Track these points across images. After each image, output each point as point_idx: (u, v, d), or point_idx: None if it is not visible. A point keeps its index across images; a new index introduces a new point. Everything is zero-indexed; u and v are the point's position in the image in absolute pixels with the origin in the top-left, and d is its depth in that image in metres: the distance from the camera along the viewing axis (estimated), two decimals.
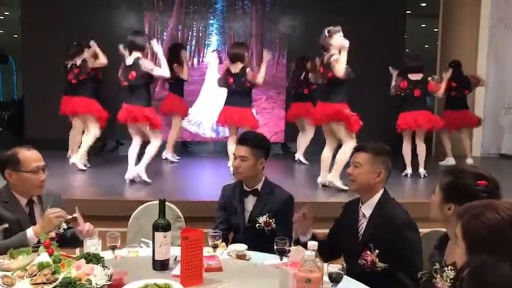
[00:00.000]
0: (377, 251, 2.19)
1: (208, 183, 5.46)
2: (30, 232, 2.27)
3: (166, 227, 2.05)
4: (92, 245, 2.12)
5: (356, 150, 2.46)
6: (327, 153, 4.90)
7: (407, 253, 2.18)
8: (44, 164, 2.47)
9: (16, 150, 2.44)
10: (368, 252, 2.21)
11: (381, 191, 2.37)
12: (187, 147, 8.19)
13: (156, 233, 2.03)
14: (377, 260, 2.18)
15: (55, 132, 6.96)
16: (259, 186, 2.74)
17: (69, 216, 2.33)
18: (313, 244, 1.88)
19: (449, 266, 1.76)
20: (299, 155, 6.63)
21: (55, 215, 2.27)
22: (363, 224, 2.36)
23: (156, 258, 2.05)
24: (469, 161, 6.59)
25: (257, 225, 2.65)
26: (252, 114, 5.66)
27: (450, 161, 6.50)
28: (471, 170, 1.85)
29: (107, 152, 7.72)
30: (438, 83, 5.82)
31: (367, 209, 2.36)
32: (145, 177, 4.96)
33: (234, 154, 2.76)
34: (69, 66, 5.87)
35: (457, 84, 6.40)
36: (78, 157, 5.68)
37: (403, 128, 5.72)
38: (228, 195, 2.82)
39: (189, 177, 5.85)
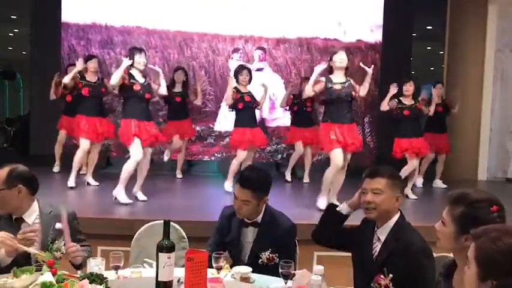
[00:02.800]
0: (391, 275, 2.13)
1: (212, 202, 5.42)
2: (1, 254, 2.20)
3: (170, 248, 2.01)
4: (95, 265, 2.09)
5: (371, 175, 2.33)
6: None
7: (422, 280, 2.12)
8: None
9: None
10: (382, 276, 2.15)
11: (397, 215, 2.32)
12: (191, 167, 8.17)
13: (160, 254, 1.99)
14: (391, 284, 2.12)
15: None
16: (259, 219, 2.63)
17: (20, 246, 2.17)
18: (319, 269, 1.84)
19: None
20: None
21: (21, 237, 2.19)
22: (377, 247, 2.31)
23: (160, 279, 2.01)
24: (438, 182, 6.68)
25: (260, 261, 2.52)
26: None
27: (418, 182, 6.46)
28: (480, 197, 1.78)
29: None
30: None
31: (382, 233, 2.31)
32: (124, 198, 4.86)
33: (235, 194, 2.61)
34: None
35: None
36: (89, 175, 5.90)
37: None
38: (226, 221, 2.71)
39: (192, 196, 5.82)
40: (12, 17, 9.59)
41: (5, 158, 7.71)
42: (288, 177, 6.74)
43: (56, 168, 6.66)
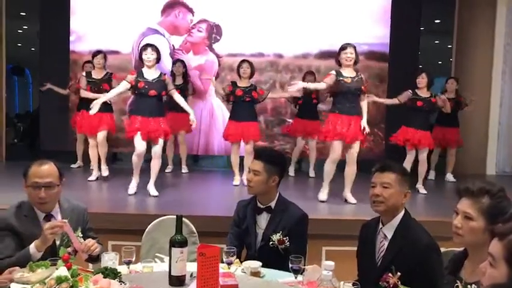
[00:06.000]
0: (399, 273, 2.14)
1: (221, 197, 5.46)
2: (32, 248, 2.24)
3: (183, 243, 2.04)
4: (109, 259, 2.12)
5: (381, 170, 2.35)
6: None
7: (431, 276, 2.12)
8: (47, 181, 2.36)
9: (31, 163, 2.43)
10: (389, 274, 2.16)
11: (403, 212, 2.33)
12: (197, 161, 8.19)
13: (172, 249, 2.03)
14: (399, 282, 2.12)
15: (69, 145, 7.04)
16: (272, 204, 2.73)
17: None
18: (329, 264, 1.86)
19: (473, 285, 1.72)
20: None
21: (50, 231, 2.22)
22: (383, 245, 2.31)
23: (173, 273, 2.04)
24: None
25: (270, 243, 2.62)
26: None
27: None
28: (496, 187, 1.78)
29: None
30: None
31: (388, 230, 2.31)
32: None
33: (249, 168, 2.78)
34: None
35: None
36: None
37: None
38: (242, 211, 2.82)
39: (201, 191, 5.86)
40: (21, 14, 9.64)
41: (16, 154, 7.84)
42: (292, 172, 6.72)
43: (75, 165, 6.76)
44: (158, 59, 5.02)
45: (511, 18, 7.57)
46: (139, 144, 4.94)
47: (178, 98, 5.21)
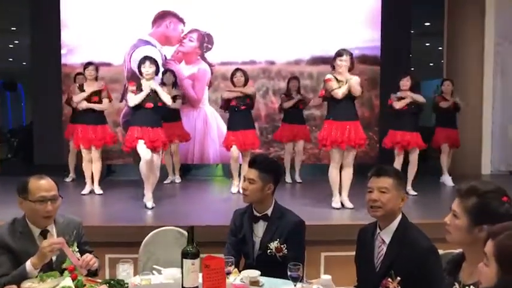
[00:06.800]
0: (398, 278, 2.13)
1: (218, 206, 5.43)
2: (29, 265, 2.20)
3: (195, 255, 2.03)
4: (123, 270, 2.12)
5: (377, 174, 2.33)
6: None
7: (431, 279, 2.11)
8: (53, 194, 2.36)
9: (28, 178, 2.40)
10: (389, 279, 2.15)
11: (400, 216, 2.32)
12: (192, 170, 8.16)
13: (184, 260, 2.02)
14: (399, 287, 2.12)
15: (63, 158, 7.01)
16: (269, 211, 2.71)
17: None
18: (326, 279, 1.86)
19: (471, 286, 1.72)
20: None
21: (49, 249, 2.19)
22: (382, 250, 2.29)
23: (185, 285, 2.03)
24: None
25: (268, 251, 2.61)
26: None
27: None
28: (490, 188, 1.78)
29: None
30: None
31: (386, 235, 2.30)
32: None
33: (244, 176, 2.77)
34: None
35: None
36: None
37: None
38: (238, 219, 2.80)
39: (196, 201, 5.84)
40: (12, 28, 9.64)
41: (10, 169, 7.78)
42: (288, 178, 6.67)
43: (68, 178, 6.65)
44: (157, 72, 5.09)
45: (500, 18, 7.63)
46: (145, 152, 4.90)
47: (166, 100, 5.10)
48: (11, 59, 11.89)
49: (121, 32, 7.42)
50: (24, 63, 10.27)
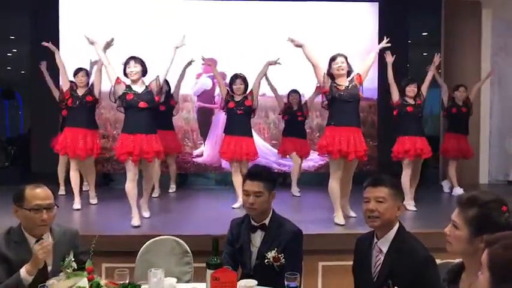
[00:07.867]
0: (396, 287, 2.11)
1: (215, 215, 5.41)
2: (23, 272, 2.21)
3: (218, 265, 2.08)
4: (154, 276, 2.15)
5: (374, 184, 2.32)
6: None
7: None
8: (48, 203, 2.36)
9: (25, 186, 2.39)
10: None
11: (397, 225, 2.32)
12: (186, 180, 8.10)
13: (208, 271, 2.09)
14: None
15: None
16: (267, 221, 2.70)
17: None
18: None
19: None
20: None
21: (42, 251, 2.21)
22: (379, 259, 2.29)
23: None
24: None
25: (266, 260, 2.59)
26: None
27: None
28: (490, 198, 1.78)
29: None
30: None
31: (384, 244, 2.29)
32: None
33: (246, 191, 2.67)
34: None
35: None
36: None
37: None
38: (236, 229, 2.79)
39: (191, 210, 5.81)
40: (11, 37, 9.64)
41: (7, 177, 7.76)
42: (296, 192, 6.48)
43: (60, 191, 6.37)
44: (144, 72, 4.72)
45: (497, 28, 7.69)
46: (132, 172, 4.63)
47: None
48: (9, 68, 11.88)
49: (120, 42, 7.40)
50: (22, 72, 10.26)
